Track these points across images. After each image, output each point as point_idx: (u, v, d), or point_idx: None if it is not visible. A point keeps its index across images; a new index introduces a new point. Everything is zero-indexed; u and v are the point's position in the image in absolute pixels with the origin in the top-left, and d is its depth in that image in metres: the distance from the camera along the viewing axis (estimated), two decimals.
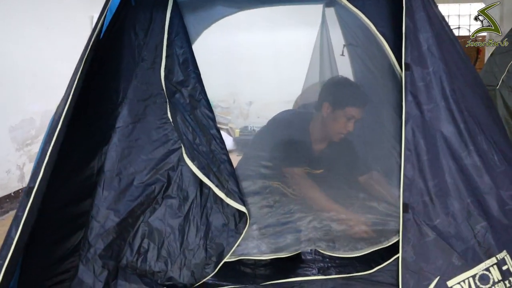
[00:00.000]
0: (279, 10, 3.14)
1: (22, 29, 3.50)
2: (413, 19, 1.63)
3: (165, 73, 1.76)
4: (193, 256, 1.72)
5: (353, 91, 2.07)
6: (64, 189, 1.71)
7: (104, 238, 1.67)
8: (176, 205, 1.76)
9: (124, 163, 1.71)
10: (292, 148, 2.11)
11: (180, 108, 1.76)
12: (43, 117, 3.66)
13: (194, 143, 1.75)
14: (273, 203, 1.99)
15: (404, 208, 1.58)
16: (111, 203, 1.69)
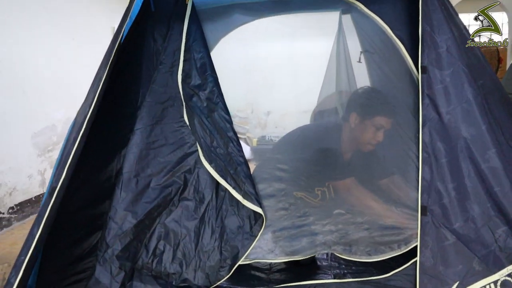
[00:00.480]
0: (296, 20, 3.17)
1: (46, 39, 3.60)
2: (430, 21, 1.63)
3: (182, 77, 1.79)
4: (208, 258, 1.73)
5: (381, 101, 2.04)
6: (83, 190, 1.74)
7: (122, 239, 1.69)
8: (192, 207, 1.77)
9: (141, 165, 1.74)
10: (321, 160, 2.09)
11: (197, 111, 1.78)
12: (64, 124, 3.74)
13: (211, 146, 1.76)
14: (288, 205, 1.98)
15: (422, 210, 1.56)
16: (128, 204, 1.71)
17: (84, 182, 1.72)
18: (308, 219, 1.92)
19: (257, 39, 3.99)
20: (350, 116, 2.06)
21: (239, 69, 4.45)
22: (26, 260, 1.35)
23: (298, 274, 1.85)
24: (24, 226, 3.16)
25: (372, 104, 2.02)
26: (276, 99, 5.19)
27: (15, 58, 3.25)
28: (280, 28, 3.68)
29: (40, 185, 3.51)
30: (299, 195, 2.04)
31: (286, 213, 1.94)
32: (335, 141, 2.12)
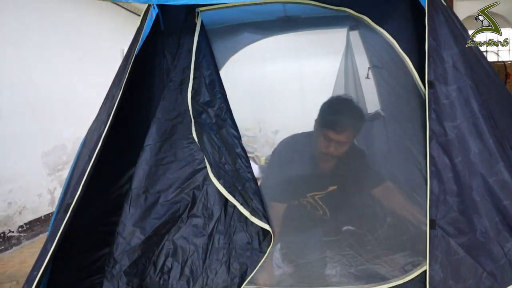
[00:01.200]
0: (304, 38, 3.21)
1: (55, 60, 3.68)
2: (436, 36, 1.64)
3: (192, 94, 1.80)
4: (215, 275, 1.71)
5: (336, 116, 1.99)
6: (96, 206, 1.76)
7: (130, 255, 1.68)
8: (201, 224, 1.76)
9: (150, 181, 1.74)
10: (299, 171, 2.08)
11: (206, 128, 1.79)
12: (74, 144, 3.78)
13: (220, 162, 1.76)
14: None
15: (431, 224, 1.55)
16: (137, 220, 1.71)
17: (97, 198, 1.74)
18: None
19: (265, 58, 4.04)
20: (314, 122, 2.04)
21: (248, 87, 4.48)
22: (39, 275, 1.36)
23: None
24: (33, 245, 3.17)
25: (328, 115, 2.00)
26: (284, 118, 5.21)
27: (25, 79, 3.32)
28: (288, 47, 3.73)
29: (50, 204, 3.53)
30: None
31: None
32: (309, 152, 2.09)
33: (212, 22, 2.09)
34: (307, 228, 2.05)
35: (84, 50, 4.09)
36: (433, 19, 1.66)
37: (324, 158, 2.01)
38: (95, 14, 4.26)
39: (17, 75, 3.23)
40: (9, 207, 3.09)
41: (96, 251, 1.78)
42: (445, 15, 1.68)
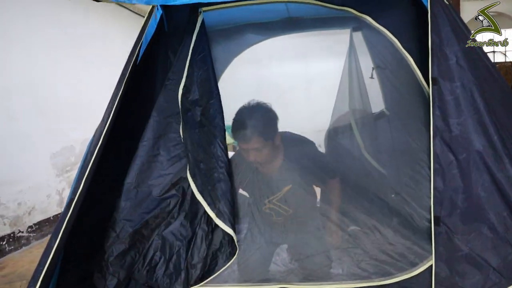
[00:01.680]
0: (308, 39, 3.22)
1: (64, 63, 3.72)
2: (439, 33, 1.64)
3: (183, 91, 1.81)
4: (194, 272, 1.73)
5: (239, 126, 1.92)
6: (101, 204, 1.77)
7: (117, 247, 1.71)
8: (188, 220, 1.78)
9: (142, 176, 1.77)
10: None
11: (190, 126, 1.81)
12: (82, 145, 3.82)
13: (196, 160, 1.78)
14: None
15: (435, 221, 1.55)
16: (126, 214, 1.74)
17: (101, 196, 1.76)
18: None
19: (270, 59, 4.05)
20: None
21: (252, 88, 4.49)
22: (44, 270, 1.38)
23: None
24: (42, 245, 3.19)
25: (233, 130, 1.96)
26: (289, 119, 5.20)
27: (35, 81, 3.36)
28: (292, 48, 3.75)
29: (58, 205, 3.57)
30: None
31: None
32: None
33: (215, 23, 2.12)
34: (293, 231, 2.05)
35: (92, 52, 4.14)
36: (435, 17, 1.66)
37: (261, 166, 2.00)
38: (103, 17, 4.31)
39: (26, 77, 3.28)
40: (19, 207, 3.13)
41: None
42: (447, 13, 1.68)
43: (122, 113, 1.71)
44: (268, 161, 1.99)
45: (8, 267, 2.76)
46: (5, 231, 3.00)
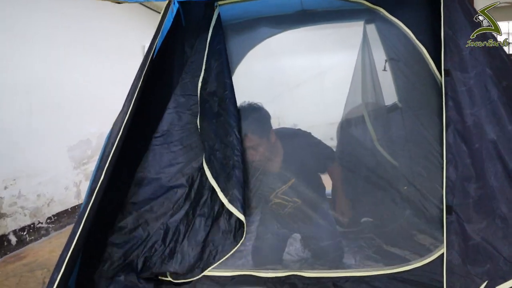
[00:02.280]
0: (321, 32, 3.23)
1: (80, 58, 3.79)
2: (452, 25, 1.66)
3: (201, 84, 1.88)
4: (188, 256, 1.77)
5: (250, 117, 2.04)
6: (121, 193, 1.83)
7: (118, 227, 1.78)
8: (192, 206, 1.83)
9: (154, 164, 1.83)
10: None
11: (208, 116, 1.86)
12: (98, 139, 3.89)
13: (212, 149, 1.83)
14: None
15: (447, 210, 1.56)
16: (133, 197, 1.81)
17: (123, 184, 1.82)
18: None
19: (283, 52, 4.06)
20: None
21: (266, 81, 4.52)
22: (68, 256, 1.43)
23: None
24: (61, 235, 3.28)
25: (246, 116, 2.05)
26: (302, 112, 5.23)
27: (53, 76, 3.43)
28: (306, 41, 3.76)
29: (76, 197, 3.65)
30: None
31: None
32: None
33: (230, 17, 2.15)
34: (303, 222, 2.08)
35: (108, 48, 4.20)
36: (448, 8, 1.67)
37: (261, 163, 2.06)
38: (117, 13, 4.36)
39: (45, 73, 3.34)
40: (38, 199, 3.21)
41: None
42: (461, 4, 1.69)
43: (140, 106, 1.76)
44: (267, 158, 2.06)
45: (29, 256, 2.84)
46: (25, 222, 3.07)
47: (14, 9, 3.07)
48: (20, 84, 3.09)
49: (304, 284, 1.72)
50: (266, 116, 2.13)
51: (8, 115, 2.98)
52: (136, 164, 1.84)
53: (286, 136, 2.22)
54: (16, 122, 3.05)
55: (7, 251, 2.88)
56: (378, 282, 1.64)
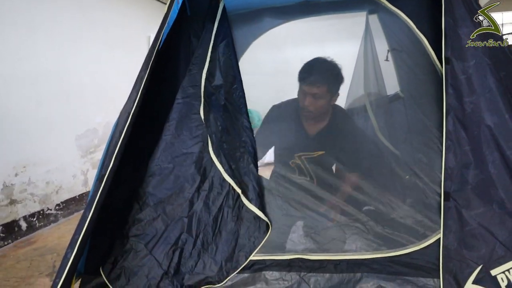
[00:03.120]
0: (324, 23, 3.24)
1: (87, 49, 3.84)
2: (453, 15, 1.69)
3: (206, 75, 1.90)
4: (224, 246, 1.78)
5: (310, 71, 2.21)
6: (129, 182, 1.88)
7: (137, 217, 1.80)
8: (211, 199, 1.83)
9: (166, 154, 1.85)
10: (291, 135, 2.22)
11: (214, 108, 1.89)
12: (104, 128, 3.96)
13: (220, 141, 1.86)
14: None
15: (445, 196, 1.61)
16: (150, 188, 1.83)
17: (129, 173, 1.87)
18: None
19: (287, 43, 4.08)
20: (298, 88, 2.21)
21: (269, 72, 4.55)
22: (80, 238, 1.49)
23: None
24: (69, 222, 3.36)
25: (303, 72, 2.23)
26: None
27: (59, 67, 3.48)
28: (309, 31, 3.78)
29: (83, 185, 3.72)
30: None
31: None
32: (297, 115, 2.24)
33: (234, 8, 2.18)
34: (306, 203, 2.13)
35: (114, 39, 4.25)
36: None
37: (307, 117, 2.17)
38: (123, 3, 4.40)
39: (53, 64, 3.40)
40: (47, 186, 3.29)
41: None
42: None
43: (147, 95, 1.80)
44: (316, 114, 2.16)
45: (39, 241, 2.92)
46: (35, 208, 3.15)
47: (20, 1, 3.12)
48: (28, 74, 3.15)
49: (306, 267, 1.77)
50: (341, 79, 2.28)
51: (17, 104, 3.04)
52: (146, 154, 1.88)
53: (341, 113, 2.31)
54: (25, 112, 3.12)
55: (18, 236, 2.97)
56: (377, 264, 1.69)
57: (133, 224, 1.79)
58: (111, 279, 1.72)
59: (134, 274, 1.72)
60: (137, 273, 1.72)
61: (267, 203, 1.98)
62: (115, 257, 1.76)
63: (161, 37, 1.82)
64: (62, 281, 1.44)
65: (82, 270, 1.80)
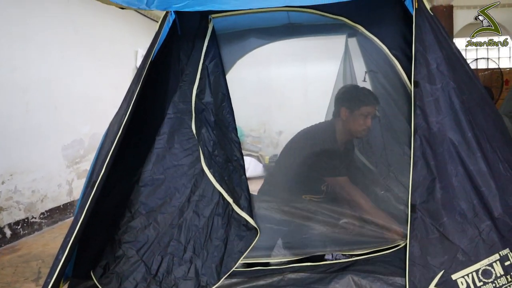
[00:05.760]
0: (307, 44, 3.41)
1: (75, 61, 3.93)
2: (423, 42, 1.85)
3: (196, 92, 2.00)
4: (214, 251, 1.87)
5: (364, 93, 2.35)
6: (117, 189, 1.97)
7: (130, 225, 1.87)
8: (202, 207, 1.93)
9: (158, 166, 1.94)
10: (327, 157, 2.34)
11: (205, 123, 2.00)
12: (91, 139, 4.02)
13: (212, 154, 1.97)
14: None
15: (412, 208, 1.75)
16: (142, 197, 1.90)
17: (118, 181, 1.96)
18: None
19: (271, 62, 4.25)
20: (340, 111, 2.34)
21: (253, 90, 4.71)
22: (71, 240, 1.57)
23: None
24: (53, 231, 3.39)
25: (357, 97, 2.33)
26: (288, 119, 5.42)
27: (49, 78, 3.56)
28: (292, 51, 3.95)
29: (68, 194, 3.77)
30: (307, 197, 2.25)
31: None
32: (331, 137, 2.37)
33: (222, 28, 2.30)
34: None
35: (103, 52, 4.35)
36: (419, 27, 1.86)
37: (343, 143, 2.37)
38: (112, 18, 4.51)
39: (42, 74, 3.48)
40: (33, 195, 3.33)
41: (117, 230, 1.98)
42: (431, 23, 1.88)
43: (138, 110, 1.90)
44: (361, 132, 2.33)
45: (23, 249, 2.96)
46: (20, 216, 3.19)
47: (13, 12, 3.21)
48: (19, 84, 3.23)
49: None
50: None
51: (6, 113, 3.11)
52: (136, 163, 1.97)
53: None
54: (14, 120, 3.18)
55: (2, 244, 3.00)
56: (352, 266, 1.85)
57: (125, 231, 1.86)
58: (102, 283, 1.79)
59: (125, 278, 1.80)
60: (128, 278, 1.80)
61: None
62: (107, 262, 1.84)
63: (153, 53, 1.94)
64: (53, 280, 1.52)
65: (70, 274, 1.88)
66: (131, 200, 1.91)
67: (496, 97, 5.75)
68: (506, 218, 1.73)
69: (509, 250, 1.69)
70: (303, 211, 2.22)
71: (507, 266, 1.66)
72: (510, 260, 1.67)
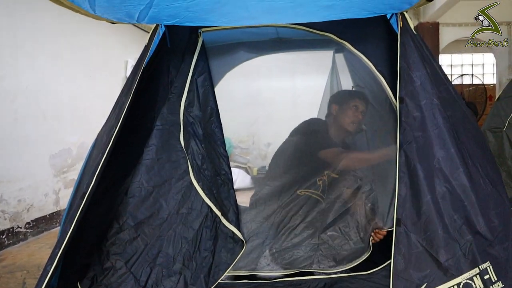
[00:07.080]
0: (295, 58, 3.46)
1: (65, 70, 3.93)
2: (407, 60, 1.90)
3: (185, 105, 2.04)
4: (203, 262, 1.90)
5: (353, 91, 2.52)
6: (105, 199, 1.97)
7: (118, 236, 1.88)
8: (190, 220, 1.95)
9: (146, 177, 1.96)
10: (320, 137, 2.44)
11: (194, 137, 2.03)
12: (79, 148, 4.01)
13: (201, 168, 2.00)
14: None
15: (397, 222, 1.78)
16: (130, 208, 1.92)
17: (106, 192, 1.96)
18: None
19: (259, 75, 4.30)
20: (331, 108, 2.44)
21: (242, 102, 4.76)
22: (60, 251, 1.57)
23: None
24: (38, 241, 3.36)
25: (349, 94, 2.48)
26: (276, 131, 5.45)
27: (38, 86, 3.56)
28: (281, 65, 4.01)
29: (54, 204, 3.74)
30: (303, 193, 2.28)
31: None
32: (324, 136, 2.44)
33: (212, 41, 2.34)
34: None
35: (92, 62, 4.35)
36: (404, 45, 1.91)
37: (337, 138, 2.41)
38: (102, 28, 4.52)
39: (31, 82, 3.47)
40: (18, 204, 3.30)
41: (105, 241, 1.98)
42: (415, 42, 1.93)
43: (128, 120, 1.91)
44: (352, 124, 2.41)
45: (8, 259, 2.92)
46: (5, 226, 3.16)
47: (2, 21, 3.21)
48: (8, 92, 3.22)
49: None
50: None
51: None
52: (123, 174, 1.98)
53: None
54: (1, 128, 3.16)
55: None
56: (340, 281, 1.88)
57: (113, 243, 1.87)
58: None
59: None
60: None
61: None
62: (95, 274, 1.84)
63: (142, 65, 1.96)
64: None
65: (55, 285, 1.87)
66: (119, 211, 1.92)
67: (480, 112, 5.88)
68: (487, 232, 1.76)
69: (489, 264, 1.72)
70: (293, 218, 2.25)
71: (486, 280, 1.69)
72: (489, 274, 1.71)
